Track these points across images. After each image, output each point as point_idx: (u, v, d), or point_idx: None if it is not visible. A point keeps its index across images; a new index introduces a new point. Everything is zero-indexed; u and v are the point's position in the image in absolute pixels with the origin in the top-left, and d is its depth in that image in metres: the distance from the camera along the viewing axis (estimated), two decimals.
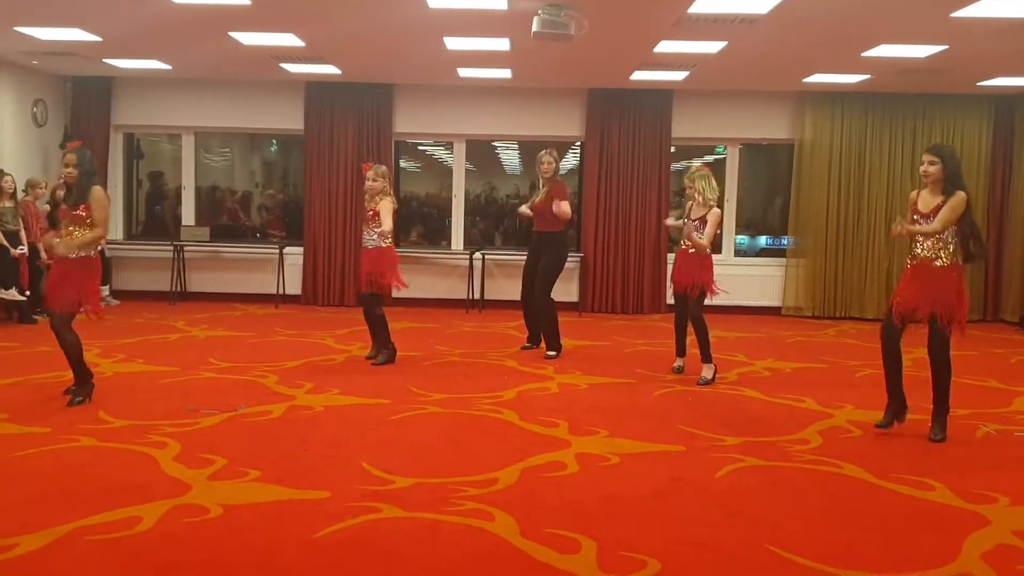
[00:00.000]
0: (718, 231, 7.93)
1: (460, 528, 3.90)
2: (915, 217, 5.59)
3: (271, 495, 4.27)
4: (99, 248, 6.56)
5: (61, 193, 9.98)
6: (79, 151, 6.02)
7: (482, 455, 5.04)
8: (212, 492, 4.28)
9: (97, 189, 5.97)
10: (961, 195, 5.43)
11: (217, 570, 3.44)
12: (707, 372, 7.25)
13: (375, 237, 7.58)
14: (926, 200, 5.58)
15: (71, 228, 5.94)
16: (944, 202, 5.43)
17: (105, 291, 10.51)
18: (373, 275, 7.58)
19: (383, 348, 7.81)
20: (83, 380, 6.09)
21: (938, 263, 5.48)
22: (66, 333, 5.90)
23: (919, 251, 5.55)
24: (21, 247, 9.40)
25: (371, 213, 7.59)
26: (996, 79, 10.18)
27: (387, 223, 7.49)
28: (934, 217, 5.45)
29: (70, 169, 5.91)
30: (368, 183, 7.60)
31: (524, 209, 8.62)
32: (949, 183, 5.46)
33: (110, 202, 6.19)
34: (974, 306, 11.59)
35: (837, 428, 5.84)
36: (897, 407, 5.76)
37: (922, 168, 5.56)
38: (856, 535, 3.94)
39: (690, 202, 7.42)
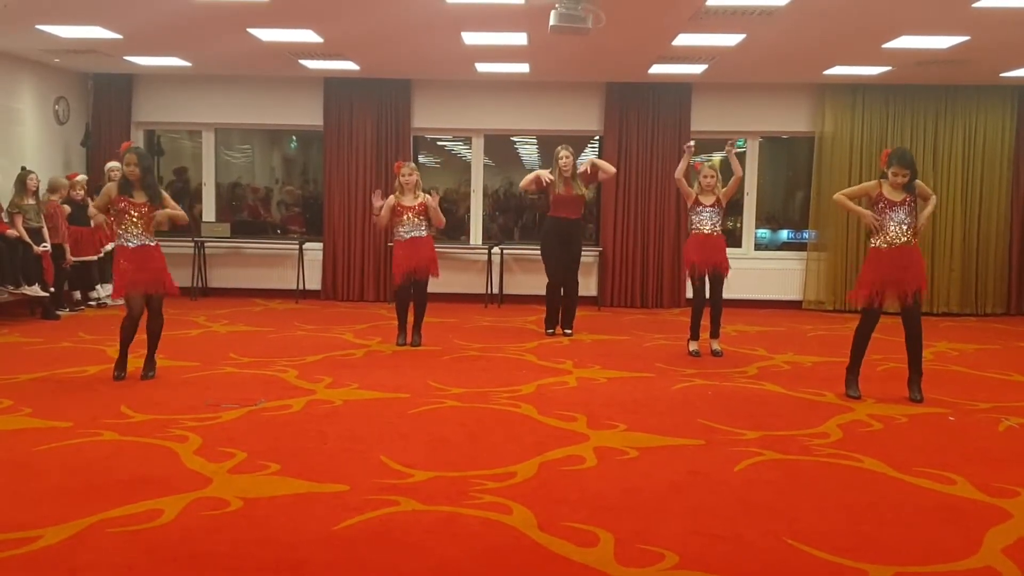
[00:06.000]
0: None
1: (478, 521, 3.91)
2: (880, 205, 6.30)
3: (291, 488, 4.29)
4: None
5: (81, 194, 10.12)
6: (136, 150, 6.67)
7: (500, 449, 5.05)
8: (232, 485, 4.30)
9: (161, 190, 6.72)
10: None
11: (237, 562, 3.46)
12: (720, 345, 8.19)
13: (423, 228, 8.20)
14: (893, 193, 6.28)
15: (139, 220, 6.54)
16: (914, 192, 6.29)
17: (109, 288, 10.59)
18: (433, 261, 8.26)
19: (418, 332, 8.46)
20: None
21: (912, 244, 6.29)
22: (162, 314, 6.73)
23: (893, 236, 6.25)
24: (44, 244, 9.49)
25: (420, 206, 8.17)
26: (1019, 70, 10.08)
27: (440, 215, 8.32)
28: (907, 204, 6.25)
29: (130, 168, 6.50)
30: (406, 178, 8.17)
31: (546, 175, 8.84)
32: (910, 186, 6.29)
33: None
34: (997, 299, 11.54)
35: (857, 422, 5.81)
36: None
37: (896, 179, 6.25)
38: (875, 528, 3.92)
39: (696, 191, 8.06)
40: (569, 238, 8.94)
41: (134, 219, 6.54)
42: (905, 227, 6.24)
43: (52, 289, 9.58)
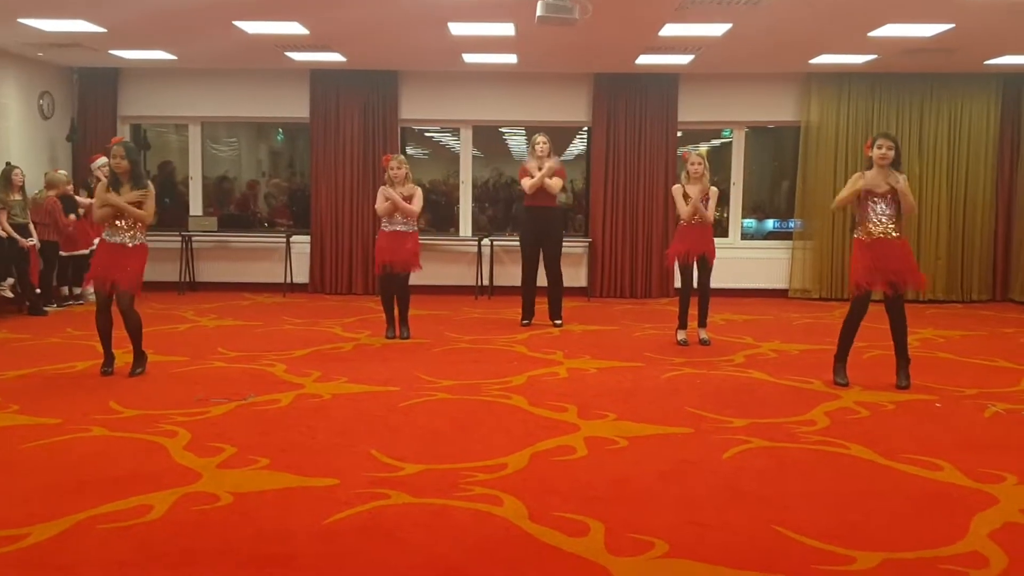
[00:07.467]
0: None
1: (469, 513, 3.92)
2: (874, 198, 6.25)
3: (280, 482, 4.29)
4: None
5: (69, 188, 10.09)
6: (125, 144, 6.62)
7: (491, 440, 5.06)
8: (222, 480, 4.30)
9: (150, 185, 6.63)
10: (905, 177, 6.29)
11: (228, 557, 3.47)
12: (707, 334, 8.22)
13: (410, 222, 8.19)
14: (876, 181, 6.23)
15: (122, 217, 6.48)
16: (897, 182, 6.16)
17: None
18: (414, 255, 8.21)
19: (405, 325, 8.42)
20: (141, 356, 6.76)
21: (895, 235, 6.25)
22: (133, 312, 6.54)
23: (875, 229, 6.25)
24: (31, 239, 9.45)
25: (407, 199, 8.13)
26: (1004, 57, 10.12)
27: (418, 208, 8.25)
28: (890, 197, 6.21)
29: (117, 160, 6.47)
30: (394, 171, 8.13)
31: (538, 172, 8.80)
32: (896, 166, 6.25)
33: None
34: (983, 286, 11.61)
35: (844, 409, 5.84)
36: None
37: (881, 152, 6.21)
38: (863, 515, 3.95)
39: (684, 180, 8.01)
40: (546, 227, 8.94)
41: (118, 217, 6.50)
42: (886, 219, 6.22)
43: (39, 291, 9.56)
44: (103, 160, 10.51)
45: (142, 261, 6.60)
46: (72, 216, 9.95)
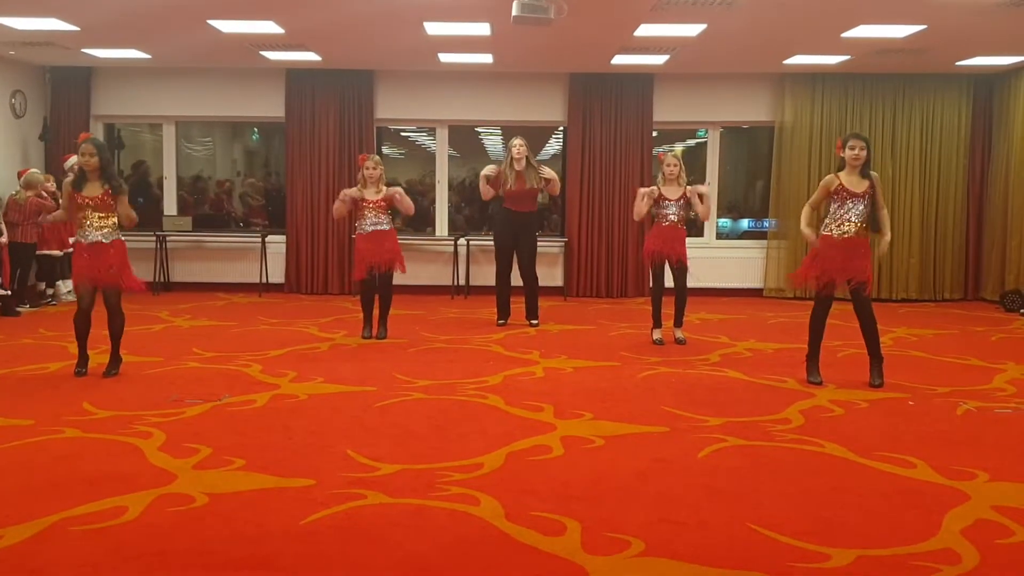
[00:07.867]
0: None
1: (445, 513, 3.92)
2: (850, 200, 6.27)
3: (256, 483, 4.27)
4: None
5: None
6: (94, 140, 6.47)
7: (468, 440, 5.06)
8: (198, 481, 4.28)
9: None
10: (877, 175, 6.37)
11: (204, 558, 3.45)
12: (683, 333, 8.24)
13: (386, 222, 8.14)
14: (853, 182, 6.28)
15: (93, 214, 6.37)
16: (872, 184, 6.26)
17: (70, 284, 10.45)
18: (398, 255, 8.19)
19: (384, 325, 8.42)
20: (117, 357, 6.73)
21: (863, 236, 6.33)
22: (120, 311, 6.59)
23: (847, 227, 6.28)
24: (2, 236, 9.35)
25: (382, 201, 8.10)
26: (974, 58, 10.23)
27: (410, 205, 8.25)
28: (867, 198, 6.25)
29: (87, 158, 6.31)
30: (370, 171, 8.06)
31: (490, 172, 8.85)
32: (867, 166, 6.29)
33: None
34: (955, 285, 11.73)
35: (819, 407, 5.88)
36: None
37: (853, 153, 6.22)
38: (837, 513, 3.98)
39: (660, 182, 8.05)
40: (522, 231, 8.92)
41: (89, 214, 6.40)
42: (859, 219, 6.26)
43: (7, 292, 9.46)
44: (75, 159, 10.42)
45: (124, 257, 6.53)
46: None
